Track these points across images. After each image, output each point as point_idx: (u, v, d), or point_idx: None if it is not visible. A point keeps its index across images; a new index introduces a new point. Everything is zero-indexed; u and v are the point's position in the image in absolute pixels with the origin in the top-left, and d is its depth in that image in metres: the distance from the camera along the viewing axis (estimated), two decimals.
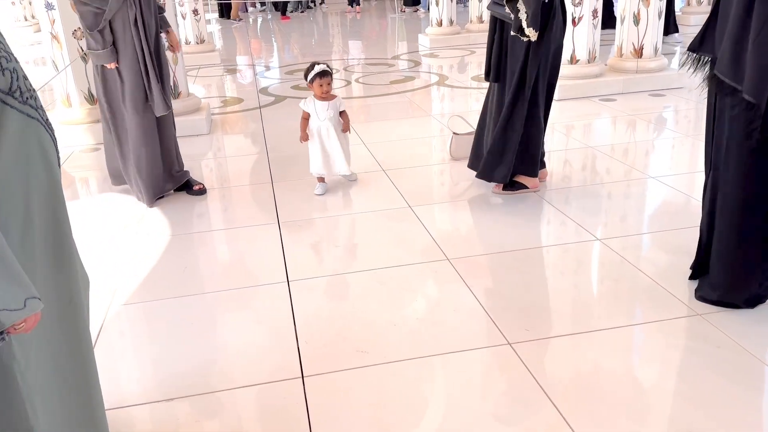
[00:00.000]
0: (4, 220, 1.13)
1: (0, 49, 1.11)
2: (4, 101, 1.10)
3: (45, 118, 1.23)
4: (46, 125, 1.23)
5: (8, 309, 1.00)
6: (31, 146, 1.17)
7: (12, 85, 1.11)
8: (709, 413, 1.75)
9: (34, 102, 1.18)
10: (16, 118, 1.12)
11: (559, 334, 2.14)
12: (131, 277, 2.70)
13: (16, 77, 1.12)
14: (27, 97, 1.15)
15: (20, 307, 1.02)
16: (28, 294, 1.04)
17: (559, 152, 4.25)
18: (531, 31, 2.97)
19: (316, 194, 3.49)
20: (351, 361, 2.05)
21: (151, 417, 1.84)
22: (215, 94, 6.60)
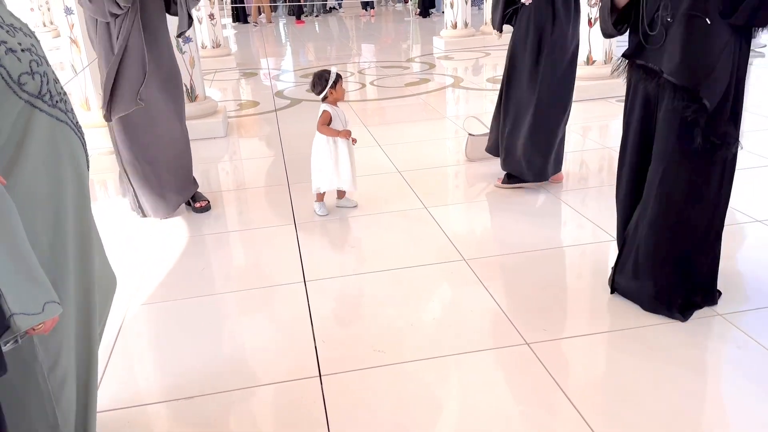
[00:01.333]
0: (32, 223, 1.13)
1: (32, 53, 1.11)
2: (33, 104, 1.10)
3: (75, 122, 1.23)
4: (76, 128, 1.23)
5: (26, 313, 1.01)
6: (61, 149, 1.17)
7: (42, 89, 1.11)
8: (729, 414, 1.73)
9: (64, 105, 1.19)
10: (45, 121, 1.13)
11: (578, 334, 2.13)
12: (149, 278, 2.72)
13: (47, 81, 1.13)
14: (57, 100, 1.16)
15: (38, 312, 1.03)
16: (47, 298, 1.05)
17: (576, 153, 4.23)
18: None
19: (319, 214, 3.27)
20: (368, 361, 2.05)
21: (169, 415, 1.85)
22: (231, 98, 6.65)
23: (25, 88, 1.07)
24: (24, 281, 1.02)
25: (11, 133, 1.07)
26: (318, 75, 3.11)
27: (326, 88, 3.07)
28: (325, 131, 3.11)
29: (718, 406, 1.78)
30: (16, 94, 1.05)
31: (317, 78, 3.10)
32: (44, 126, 1.13)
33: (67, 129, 1.19)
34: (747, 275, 2.48)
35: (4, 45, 1.03)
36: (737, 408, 1.76)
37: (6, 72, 1.03)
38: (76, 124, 1.24)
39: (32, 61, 1.08)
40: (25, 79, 1.06)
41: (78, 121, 1.26)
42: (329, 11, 16.56)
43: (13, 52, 1.05)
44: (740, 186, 3.41)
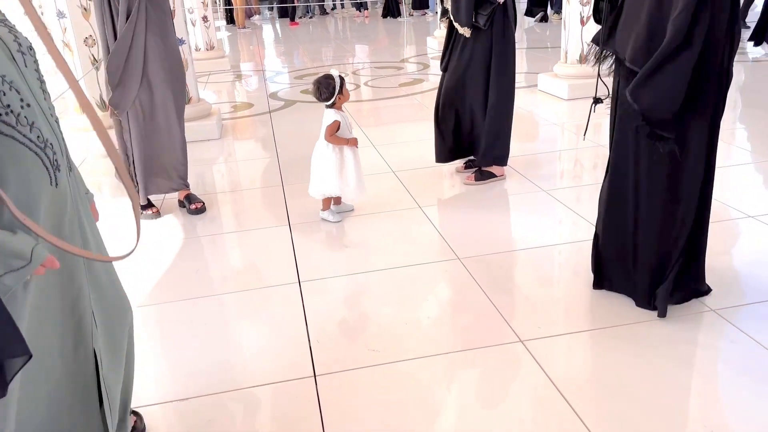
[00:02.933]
0: None
1: None
2: None
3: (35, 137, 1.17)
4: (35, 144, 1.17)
5: (13, 269, 1.05)
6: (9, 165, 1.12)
7: None
8: (726, 409, 1.74)
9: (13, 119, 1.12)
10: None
11: (572, 331, 2.13)
12: (145, 280, 2.72)
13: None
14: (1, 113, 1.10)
15: (26, 262, 1.07)
16: (31, 245, 1.08)
17: (570, 151, 4.24)
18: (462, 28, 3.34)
19: (331, 221, 3.17)
20: (363, 360, 2.05)
21: (165, 417, 1.85)
22: (225, 100, 6.65)
23: None
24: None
25: None
26: (321, 81, 2.96)
27: (335, 94, 2.95)
28: (334, 141, 3.00)
29: (712, 400, 1.79)
30: None
31: (322, 85, 2.95)
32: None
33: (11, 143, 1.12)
34: (739, 271, 2.49)
35: None
36: (730, 402, 1.77)
37: None
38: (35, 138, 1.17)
39: None
40: None
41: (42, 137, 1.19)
42: (326, 13, 16.57)
43: None
44: (733, 182, 3.43)
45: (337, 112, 3.00)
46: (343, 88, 2.99)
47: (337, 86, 2.95)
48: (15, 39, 1.18)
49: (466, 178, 3.62)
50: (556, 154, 4.22)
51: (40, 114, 1.19)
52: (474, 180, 3.58)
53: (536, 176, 3.66)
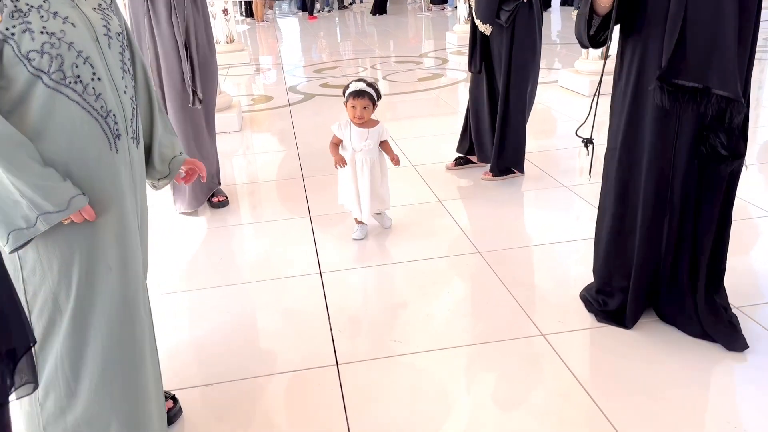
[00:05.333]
0: None
1: (53, 37, 1.27)
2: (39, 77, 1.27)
3: (99, 106, 1.36)
4: (98, 112, 1.36)
5: (50, 212, 1.27)
6: (60, 122, 1.31)
7: (51, 67, 1.27)
8: (752, 406, 1.74)
9: (81, 87, 1.32)
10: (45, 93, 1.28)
11: (594, 326, 2.14)
12: (168, 269, 2.76)
13: (60, 63, 1.28)
14: (70, 81, 1.30)
15: (64, 208, 1.29)
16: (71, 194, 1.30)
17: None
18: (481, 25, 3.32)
19: (353, 238, 2.93)
20: (384, 350, 2.07)
21: (189, 402, 1.88)
22: (245, 93, 6.69)
23: (32, 63, 1.25)
24: (43, 186, 1.26)
25: (17, 96, 1.27)
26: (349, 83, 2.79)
27: (345, 99, 2.77)
28: (330, 148, 2.85)
29: (737, 397, 1.78)
30: (24, 66, 1.25)
31: (346, 86, 2.79)
32: (42, 96, 1.28)
33: (74, 107, 1.31)
34: (761, 269, 2.47)
35: (25, 25, 1.24)
36: (756, 399, 1.76)
37: (17, 46, 1.23)
38: (99, 108, 1.35)
39: (46, 43, 1.26)
40: (33, 56, 1.25)
41: (105, 107, 1.36)
42: (345, 7, 16.57)
43: (30, 32, 1.24)
44: (755, 180, 3.40)
45: (343, 125, 2.80)
46: (348, 102, 2.73)
47: (346, 94, 2.74)
48: (105, 24, 1.38)
49: (484, 174, 3.62)
50: (576, 151, 4.20)
51: (111, 89, 1.38)
52: (492, 176, 3.57)
53: (556, 172, 3.65)
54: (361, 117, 2.72)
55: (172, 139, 1.68)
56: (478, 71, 3.49)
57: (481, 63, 3.46)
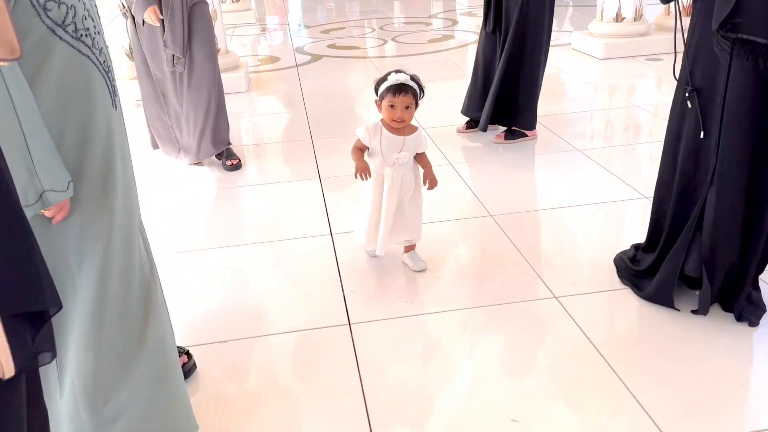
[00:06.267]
0: None
1: None
2: (54, 31, 1.18)
3: (102, 60, 1.29)
4: (102, 66, 1.29)
5: (55, 190, 1.16)
6: (76, 81, 1.23)
7: (66, 19, 1.18)
8: (761, 371, 1.74)
9: (90, 41, 1.25)
10: (64, 50, 1.19)
11: (607, 289, 2.13)
12: (180, 228, 2.75)
13: (73, 14, 1.20)
14: (82, 34, 1.23)
15: (64, 189, 1.17)
16: (69, 178, 1.20)
17: (603, 112, 4.17)
18: None
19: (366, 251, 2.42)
20: (396, 311, 2.07)
21: (204, 357, 1.89)
22: (250, 53, 6.59)
23: (49, 14, 1.16)
24: (51, 160, 1.16)
25: (31, 53, 1.17)
26: (384, 75, 2.13)
27: (378, 93, 2.13)
28: (351, 153, 2.20)
29: (753, 362, 1.78)
30: (39, 17, 1.15)
31: (379, 79, 2.14)
32: (63, 54, 1.20)
33: (89, 63, 1.25)
34: None
35: None
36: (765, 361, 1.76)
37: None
38: (103, 62, 1.29)
39: None
40: (51, 6, 1.16)
41: (107, 62, 1.31)
42: None
43: None
44: None
45: (371, 129, 2.15)
46: (385, 98, 2.09)
47: (380, 88, 2.11)
48: None
49: (496, 137, 3.58)
50: (588, 114, 4.15)
51: (103, 40, 1.30)
52: (504, 139, 3.53)
53: (568, 135, 3.61)
54: (402, 120, 2.08)
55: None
56: (492, 31, 3.42)
57: (495, 23, 3.39)
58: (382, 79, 2.11)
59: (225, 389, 1.77)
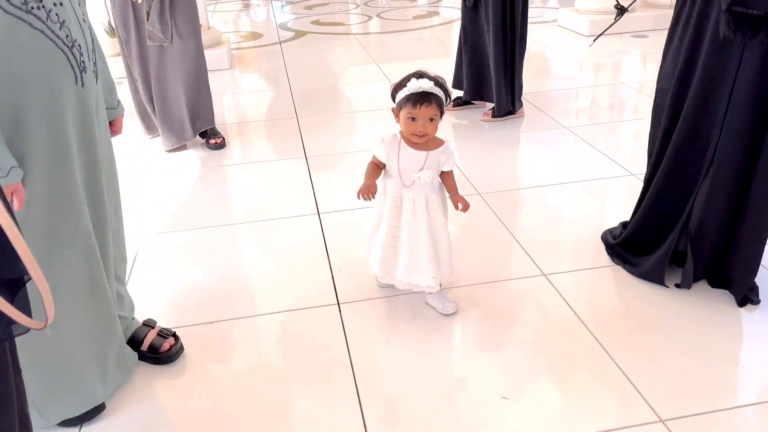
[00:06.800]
0: None
1: None
2: None
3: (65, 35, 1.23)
4: (63, 41, 1.23)
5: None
6: (22, 55, 1.18)
7: None
8: (759, 347, 1.76)
9: (43, 14, 1.19)
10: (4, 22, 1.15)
11: (596, 266, 2.13)
12: (164, 208, 2.71)
13: None
14: (33, 6, 1.17)
15: (4, 175, 1.15)
16: (12, 164, 1.17)
17: (589, 89, 4.15)
18: None
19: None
20: (385, 290, 2.06)
21: (192, 339, 1.87)
22: (233, 29, 6.48)
23: None
24: None
25: None
26: (404, 78, 1.77)
27: (394, 98, 1.79)
28: (366, 170, 1.85)
29: (740, 338, 1.79)
30: None
31: (397, 82, 1.79)
32: (4, 26, 1.15)
33: (39, 36, 1.19)
34: None
35: None
36: (760, 340, 1.78)
37: None
38: (65, 37, 1.23)
39: None
40: None
41: (71, 36, 1.25)
42: None
43: None
44: None
45: (389, 142, 1.81)
46: (404, 108, 1.72)
47: (399, 94, 1.75)
48: None
49: (483, 114, 3.56)
50: (574, 92, 4.13)
51: (72, 15, 1.25)
52: (491, 117, 3.52)
53: (555, 113, 3.60)
54: (424, 134, 1.72)
55: (112, 84, 1.58)
56: (472, 5, 3.38)
57: None
58: (400, 84, 1.74)
59: (212, 370, 1.76)
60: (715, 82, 1.72)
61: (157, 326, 1.82)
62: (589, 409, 1.55)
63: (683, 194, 1.89)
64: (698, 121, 1.80)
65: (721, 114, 1.74)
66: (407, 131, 1.74)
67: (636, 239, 2.08)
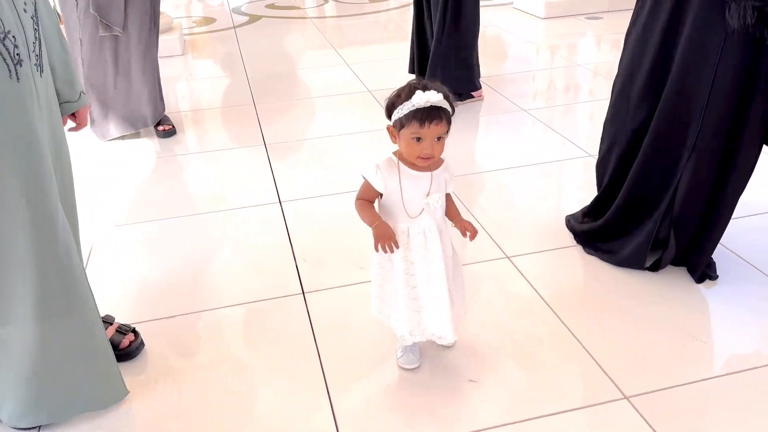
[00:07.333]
0: None
1: None
2: None
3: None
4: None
5: None
6: None
7: None
8: (722, 324, 1.81)
9: None
10: None
11: (557, 246, 2.16)
12: (119, 201, 2.63)
13: None
14: None
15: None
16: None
17: (544, 71, 4.19)
18: None
19: (404, 367, 1.66)
20: (351, 278, 2.04)
21: (153, 334, 1.82)
22: (184, 15, 6.31)
23: None
24: None
25: None
26: (402, 90, 1.42)
27: (390, 114, 1.43)
28: (358, 210, 1.55)
29: (703, 314, 1.83)
30: None
31: (395, 94, 1.44)
32: None
33: None
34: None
35: None
36: (725, 317, 1.83)
37: None
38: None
39: None
40: None
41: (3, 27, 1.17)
42: None
43: None
44: None
45: (382, 167, 1.49)
46: (409, 126, 1.39)
47: (400, 109, 1.39)
48: None
49: None
50: (531, 74, 4.17)
51: (8, 5, 1.16)
52: None
53: (513, 96, 3.62)
54: (431, 156, 1.43)
55: (72, 77, 1.49)
56: None
57: None
58: (399, 96, 1.41)
59: (175, 364, 1.71)
60: (698, 71, 1.71)
61: (115, 322, 1.76)
62: (554, 389, 1.57)
63: (664, 183, 1.88)
64: (680, 110, 1.78)
65: (703, 102, 1.73)
66: (411, 154, 1.43)
67: (612, 228, 2.05)
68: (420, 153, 1.41)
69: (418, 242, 1.50)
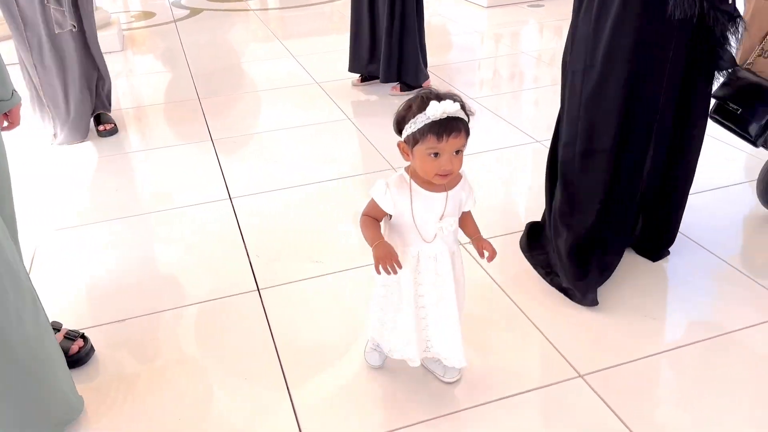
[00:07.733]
0: None
1: None
2: None
3: None
4: None
5: None
6: None
7: None
8: (672, 301, 1.87)
9: None
10: None
11: (507, 232, 2.19)
12: (61, 203, 2.53)
13: None
14: None
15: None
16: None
17: (489, 60, 4.25)
18: None
19: (369, 363, 1.63)
20: (306, 272, 2.03)
21: (103, 339, 1.76)
22: (122, 9, 6.10)
23: None
24: None
25: None
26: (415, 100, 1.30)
27: (401, 129, 1.32)
28: (362, 227, 1.44)
29: (658, 294, 1.88)
30: None
31: (407, 103, 1.31)
32: None
33: None
34: None
35: None
36: (674, 295, 1.89)
37: None
38: None
39: None
40: None
41: None
42: None
43: None
44: None
45: (392, 185, 1.37)
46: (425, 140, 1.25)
47: (415, 121, 1.26)
48: None
49: (392, 89, 3.55)
50: (477, 63, 4.21)
51: None
52: (399, 91, 3.52)
53: (459, 84, 3.65)
54: (450, 172, 1.30)
55: (3, 75, 1.42)
56: None
57: None
58: (410, 108, 1.28)
59: (128, 368, 1.67)
60: (660, 59, 1.67)
61: (63, 329, 1.70)
62: (511, 372, 1.60)
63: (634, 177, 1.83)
64: (648, 102, 1.72)
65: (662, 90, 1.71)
66: (428, 171, 1.28)
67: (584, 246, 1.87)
68: (438, 170, 1.27)
69: (428, 267, 1.39)
